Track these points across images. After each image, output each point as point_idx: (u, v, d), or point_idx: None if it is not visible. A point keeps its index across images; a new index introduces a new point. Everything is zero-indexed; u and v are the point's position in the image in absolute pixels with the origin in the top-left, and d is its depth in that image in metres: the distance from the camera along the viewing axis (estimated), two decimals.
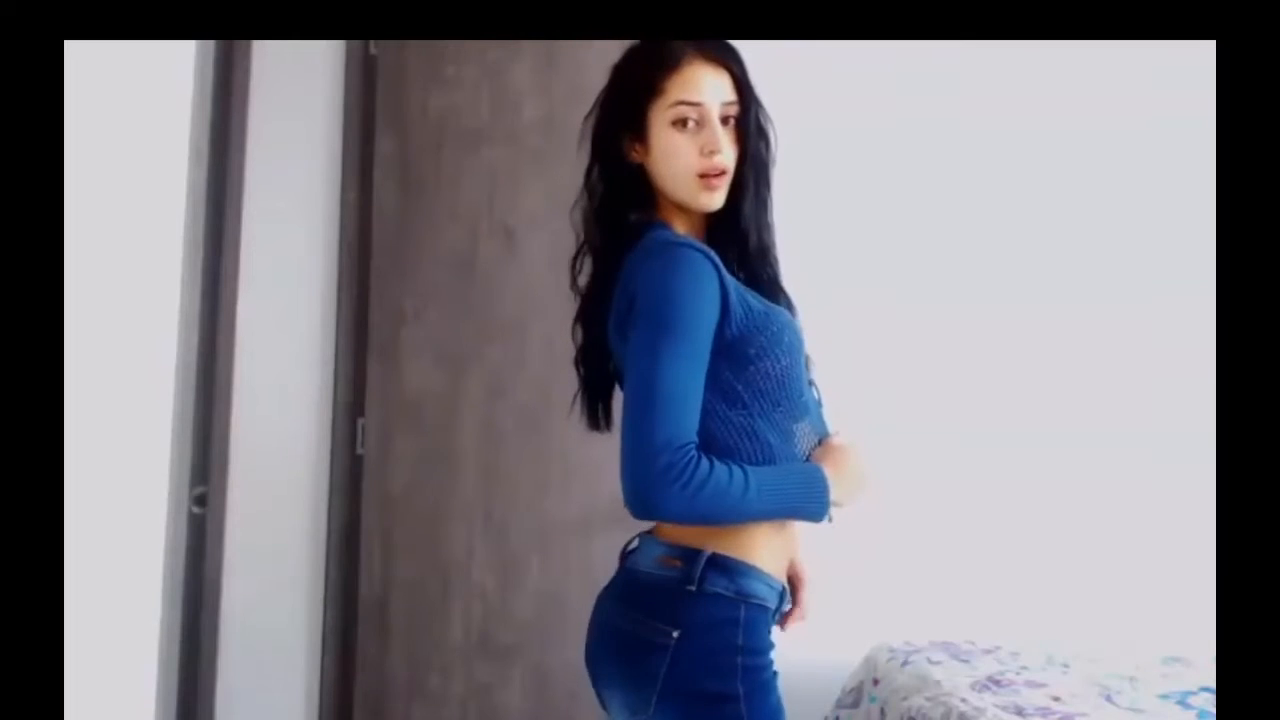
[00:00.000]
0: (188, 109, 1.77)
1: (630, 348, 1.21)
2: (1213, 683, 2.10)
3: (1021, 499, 2.63)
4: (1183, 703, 1.99)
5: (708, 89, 1.28)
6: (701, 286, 1.21)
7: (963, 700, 1.94)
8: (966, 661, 2.25)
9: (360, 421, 2.48)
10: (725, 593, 1.22)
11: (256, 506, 2.43)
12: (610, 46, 1.41)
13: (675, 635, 1.20)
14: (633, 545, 1.33)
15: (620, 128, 1.32)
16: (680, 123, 1.28)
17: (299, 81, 2.56)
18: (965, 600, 2.57)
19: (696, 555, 1.23)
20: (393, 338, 2.48)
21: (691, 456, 1.16)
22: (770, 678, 1.23)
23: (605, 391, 1.42)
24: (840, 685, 2.40)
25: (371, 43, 2.56)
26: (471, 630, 2.42)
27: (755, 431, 1.25)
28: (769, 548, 1.26)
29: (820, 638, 1.78)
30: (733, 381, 1.24)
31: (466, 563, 2.44)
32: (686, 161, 1.28)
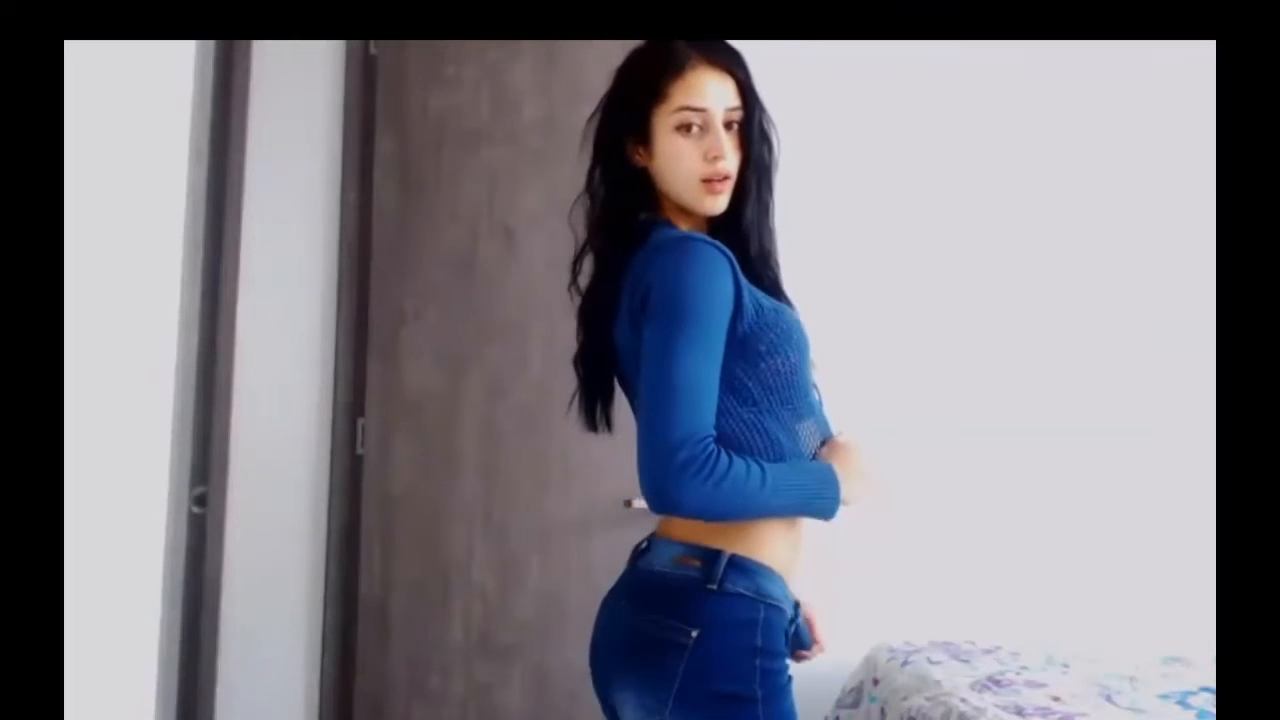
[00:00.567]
0: (188, 109, 1.77)
1: (645, 342, 1.20)
2: (1213, 683, 2.10)
3: (1021, 498, 2.63)
4: (1183, 703, 1.99)
5: (712, 94, 1.27)
6: (716, 279, 1.20)
7: (963, 700, 1.94)
8: (966, 661, 2.25)
9: (360, 421, 2.48)
10: (746, 593, 1.21)
11: (256, 506, 2.43)
12: (610, 47, 1.40)
13: (695, 635, 1.19)
14: (643, 546, 1.32)
15: (623, 131, 1.32)
16: (684, 128, 1.27)
17: (299, 81, 2.56)
18: (965, 600, 2.57)
19: (717, 556, 1.22)
20: (393, 338, 2.48)
21: (711, 450, 1.15)
22: (786, 682, 1.23)
23: (604, 393, 1.41)
24: (840, 685, 2.40)
25: (371, 43, 2.56)
26: (471, 630, 2.42)
27: (765, 428, 1.25)
28: (783, 550, 1.26)
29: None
30: (743, 378, 1.24)
31: (466, 563, 2.44)
32: (690, 166, 1.28)
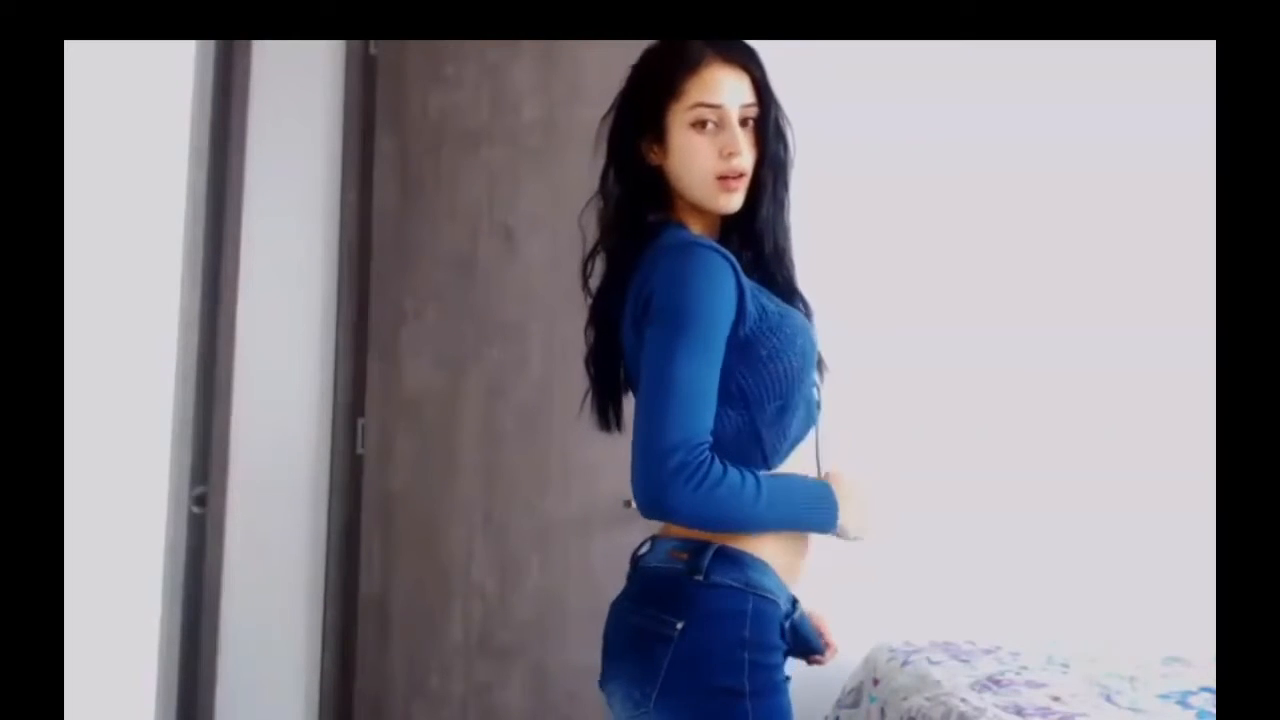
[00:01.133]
0: (188, 109, 1.77)
1: (645, 346, 1.20)
2: (1213, 683, 2.10)
3: (1021, 499, 2.62)
4: (1183, 703, 1.99)
5: (727, 91, 1.27)
6: (718, 286, 1.20)
7: (963, 700, 1.94)
8: (966, 661, 2.25)
9: (360, 421, 2.48)
10: (733, 584, 1.21)
11: (256, 506, 2.43)
12: (610, 47, 1.40)
13: (680, 626, 1.18)
14: (643, 549, 1.32)
15: (638, 129, 1.31)
16: (699, 124, 1.27)
17: (299, 81, 2.56)
18: (965, 600, 2.57)
19: (704, 547, 1.22)
20: (393, 338, 2.48)
21: (705, 457, 1.15)
22: (781, 681, 1.22)
23: (615, 392, 1.41)
24: (840, 685, 2.40)
25: (371, 43, 2.56)
26: (471, 630, 2.42)
27: (757, 432, 1.25)
28: (780, 546, 1.26)
29: None
30: (741, 382, 1.24)
31: (466, 563, 2.44)
32: (705, 163, 1.28)
